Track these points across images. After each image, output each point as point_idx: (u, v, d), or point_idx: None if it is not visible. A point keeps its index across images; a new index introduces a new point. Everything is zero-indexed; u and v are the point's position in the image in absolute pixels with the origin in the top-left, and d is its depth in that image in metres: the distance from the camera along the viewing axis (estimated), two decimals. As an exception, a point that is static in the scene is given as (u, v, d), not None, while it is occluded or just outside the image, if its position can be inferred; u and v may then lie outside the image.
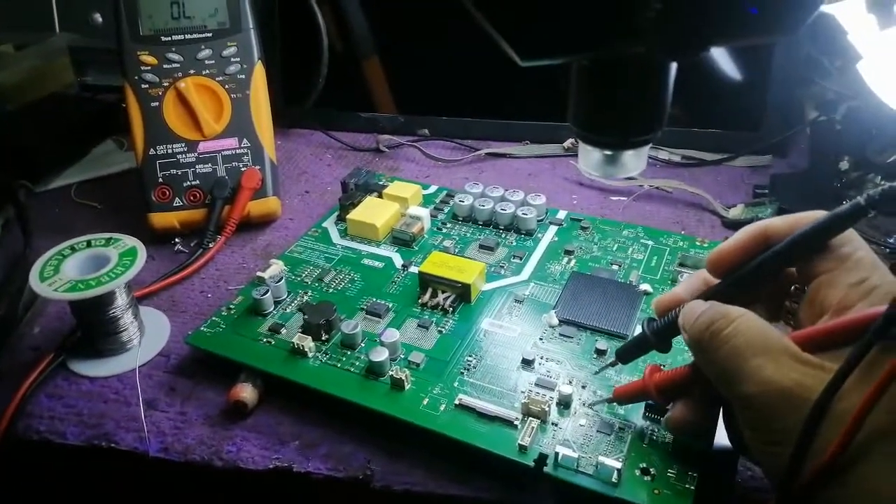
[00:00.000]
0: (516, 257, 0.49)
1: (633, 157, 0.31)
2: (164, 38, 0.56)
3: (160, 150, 0.55)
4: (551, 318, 0.42)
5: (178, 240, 0.55)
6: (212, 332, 0.42)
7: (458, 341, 0.41)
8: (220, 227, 0.54)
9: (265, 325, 0.43)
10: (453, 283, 0.44)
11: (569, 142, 0.66)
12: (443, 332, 0.42)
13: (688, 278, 0.35)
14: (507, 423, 0.35)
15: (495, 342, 0.41)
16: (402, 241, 0.51)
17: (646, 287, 0.45)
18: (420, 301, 0.44)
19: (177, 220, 0.55)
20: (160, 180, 0.54)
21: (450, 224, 0.53)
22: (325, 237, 0.52)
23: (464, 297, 0.44)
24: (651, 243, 0.50)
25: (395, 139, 0.70)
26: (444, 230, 0.52)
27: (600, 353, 0.40)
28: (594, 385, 0.38)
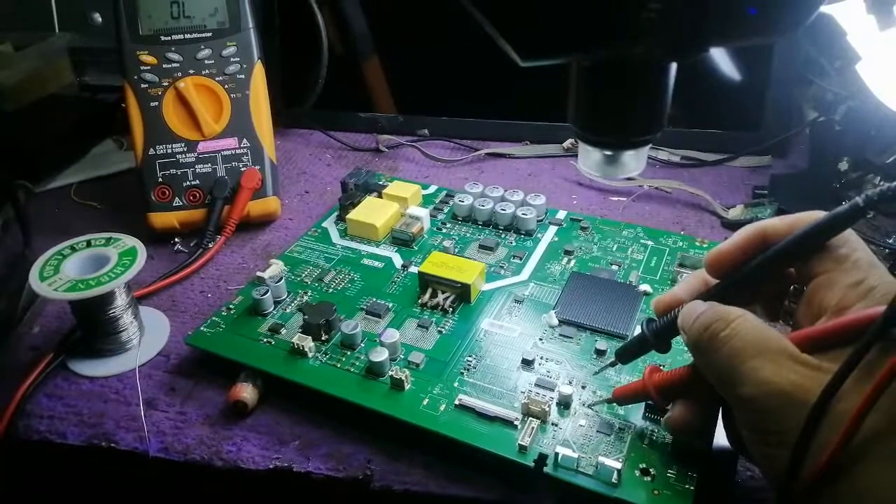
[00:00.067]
0: (516, 257, 0.49)
1: (632, 158, 0.31)
2: (163, 38, 0.56)
3: (160, 149, 0.55)
4: (551, 318, 0.42)
5: (177, 240, 0.55)
6: (211, 332, 0.42)
7: (458, 341, 0.41)
8: (219, 227, 0.54)
9: (265, 325, 0.43)
10: (453, 283, 0.44)
11: (568, 142, 0.67)
12: (443, 333, 0.42)
13: (687, 278, 0.34)
14: (507, 423, 0.35)
15: (495, 342, 0.41)
16: (402, 241, 0.51)
17: (645, 287, 0.45)
18: (420, 301, 0.44)
19: (176, 220, 0.55)
20: (160, 180, 0.54)
21: (449, 224, 0.53)
22: (324, 237, 0.52)
23: (464, 298, 0.44)
24: (651, 243, 0.50)
25: (394, 139, 0.70)
26: (444, 230, 0.52)
27: (600, 353, 0.40)
28: (594, 385, 0.38)
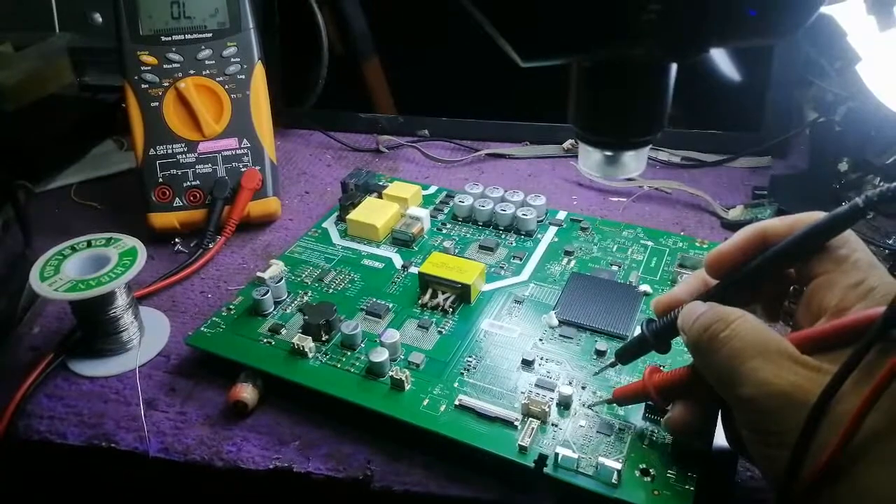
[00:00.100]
0: (516, 258, 0.49)
1: (633, 158, 0.31)
2: (164, 38, 0.56)
3: (160, 150, 0.55)
4: (551, 318, 0.42)
5: (177, 240, 0.55)
6: (212, 332, 0.42)
7: (458, 342, 0.41)
8: (219, 227, 0.54)
9: (265, 325, 0.43)
10: (453, 283, 0.44)
11: (568, 143, 0.67)
12: (443, 333, 0.42)
13: (686, 279, 0.34)
14: (508, 423, 0.35)
15: (495, 343, 0.41)
16: (402, 242, 0.51)
17: (645, 288, 0.45)
18: (420, 301, 0.44)
19: (177, 221, 0.55)
20: (160, 180, 0.54)
21: (450, 224, 0.53)
22: (324, 237, 0.52)
23: (464, 298, 0.44)
24: (651, 244, 0.50)
25: (394, 140, 0.70)
26: (444, 231, 0.52)
27: (600, 353, 0.40)
28: (594, 386, 0.38)
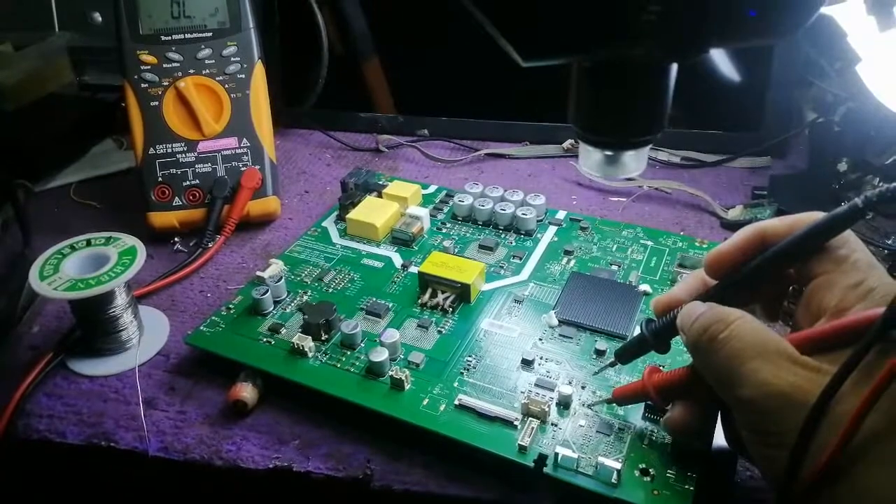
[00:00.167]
0: (516, 257, 0.49)
1: (633, 158, 0.31)
2: (164, 38, 0.56)
3: (160, 149, 0.55)
4: (551, 318, 0.42)
5: (177, 239, 0.55)
6: (211, 331, 0.42)
7: (458, 341, 0.41)
8: (219, 226, 0.54)
9: (265, 324, 0.43)
10: (453, 283, 0.44)
11: (568, 142, 0.67)
12: (442, 333, 0.42)
13: (686, 279, 0.34)
14: (507, 423, 0.35)
15: (495, 342, 0.41)
16: (402, 241, 0.51)
17: (645, 287, 0.45)
18: (420, 301, 0.44)
19: (176, 220, 0.55)
20: (160, 179, 0.54)
21: (449, 224, 0.53)
22: (324, 237, 0.52)
23: (463, 298, 0.44)
24: (650, 244, 0.50)
25: (394, 139, 0.70)
26: (444, 230, 0.52)
27: (600, 353, 0.40)
28: (594, 386, 0.38)
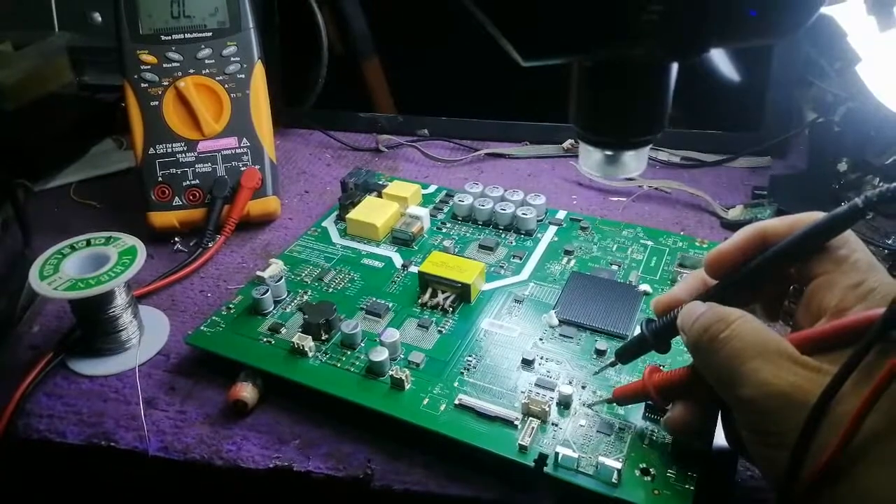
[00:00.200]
0: (516, 257, 0.49)
1: (633, 158, 0.31)
2: (164, 38, 0.56)
3: (160, 149, 0.55)
4: (551, 318, 0.42)
5: (177, 239, 0.55)
6: (211, 331, 0.42)
7: (458, 341, 0.41)
8: (219, 226, 0.54)
9: (265, 324, 0.43)
10: (453, 282, 0.44)
11: (568, 142, 0.67)
12: (443, 332, 0.42)
13: (686, 278, 0.34)
14: (508, 423, 0.35)
15: (495, 342, 0.41)
16: (402, 241, 0.51)
17: (645, 287, 0.45)
18: (420, 301, 0.44)
19: (176, 220, 0.55)
20: (160, 179, 0.54)
21: (449, 224, 0.53)
22: (324, 237, 0.52)
23: (464, 297, 0.44)
24: (650, 243, 0.50)
25: (394, 139, 0.70)
26: (444, 230, 0.52)
27: (600, 353, 0.40)
28: (594, 385, 0.38)
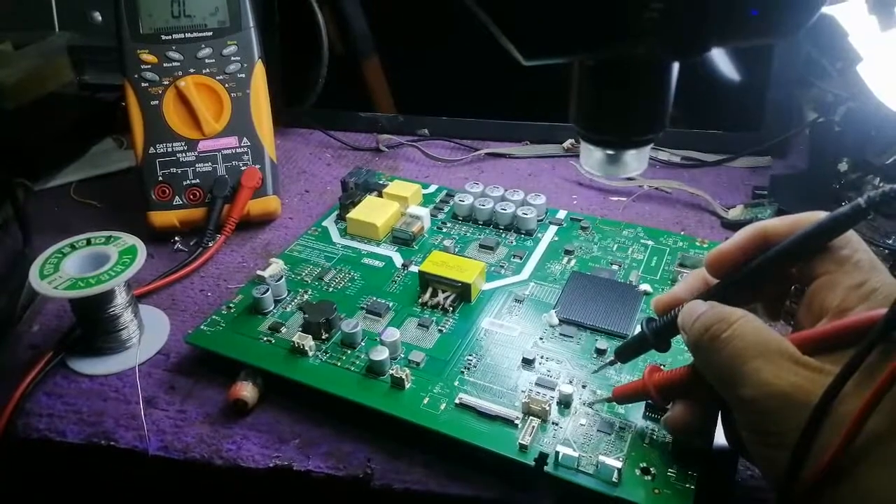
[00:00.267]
0: (516, 257, 0.49)
1: (634, 157, 0.31)
2: (164, 37, 0.56)
3: (160, 148, 0.55)
4: (551, 317, 0.42)
5: (177, 238, 0.55)
6: (212, 330, 0.42)
7: (459, 340, 0.41)
8: (219, 225, 0.54)
9: (265, 323, 0.43)
10: (453, 282, 0.44)
11: (568, 142, 0.67)
12: (443, 332, 0.42)
13: (686, 278, 0.34)
14: (508, 422, 0.35)
15: (495, 341, 0.41)
16: (403, 241, 0.51)
17: (646, 287, 0.45)
18: (420, 300, 0.44)
19: (176, 219, 0.54)
20: (160, 179, 0.54)
21: (450, 223, 0.53)
22: (324, 236, 0.52)
23: (464, 297, 0.44)
24: (651, 243, 0.50)
25: (394, 139, 0.70)
26: (445, 230, 0.52)
27: (600, 352, 0.40)
28: (594, 384, 0.38)
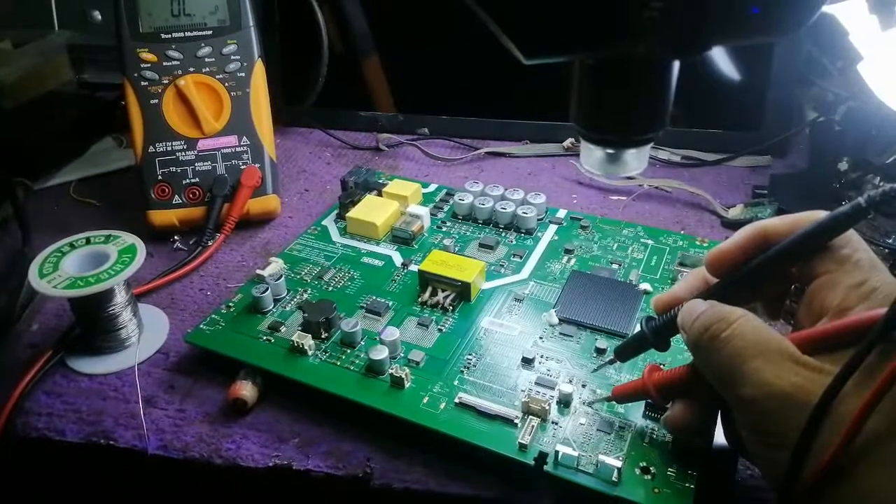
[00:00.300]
0: (516, 256, 0.49)
1: (634, 156, 0.31)
2: (164, 36, 0.56)
3: (160, 147, 0.54)
4: (551, 316, 0.42)
5: (177, 237, 0.55)
6: (211, 329, 0.42)
7: (458, 340, 0.41)
8: (219, 224, 0.54)
9: (265, 322, 0.42)
10: (453, 281, 0.44)
11: (568, 141, 0.67)
12: (443, 331, 0.42)
13: (686, 277, 0.34)
14: (508, 421, 0.35)
15: (495, 341, 0.41)
16: (402, 240, 0.51)
17: (646, 286, 0.45)
18: (420, 299, 0.44)
19: (176, 218, 0.54)
20: (159, 178, 0.54)
21: (450, 223, 0.53)
22: (324, 235, 0.52)
23: (464, 296, 0.44)
24: (651, 242, 0.50)
25: (394, 138, 0.70)
26: (444, 229, 0.52)
27: (600, 351, 0.40)
28: (594, 384, 0.38)
